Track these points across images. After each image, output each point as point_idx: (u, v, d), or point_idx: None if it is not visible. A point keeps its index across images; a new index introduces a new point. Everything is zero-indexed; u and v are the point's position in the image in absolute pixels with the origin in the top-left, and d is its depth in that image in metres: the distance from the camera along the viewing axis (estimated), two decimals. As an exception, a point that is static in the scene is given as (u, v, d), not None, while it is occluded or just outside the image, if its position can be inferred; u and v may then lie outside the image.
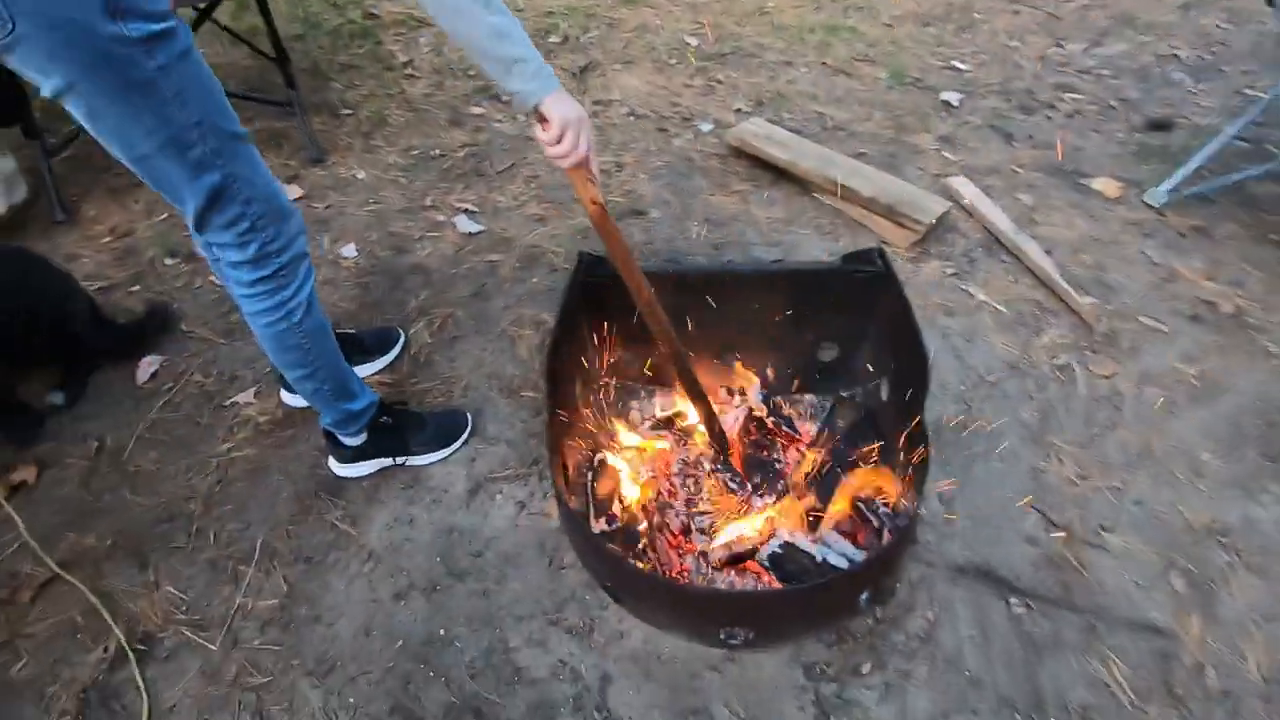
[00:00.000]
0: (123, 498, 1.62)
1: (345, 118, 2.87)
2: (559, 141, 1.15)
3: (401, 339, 1.95)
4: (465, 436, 1.72)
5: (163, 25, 1.00)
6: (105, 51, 0.96)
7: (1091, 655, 1.34)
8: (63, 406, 1.79)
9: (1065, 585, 1.44)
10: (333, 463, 1.65)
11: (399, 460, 1.66)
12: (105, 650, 1.36)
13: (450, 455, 1.69)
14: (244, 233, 1.21)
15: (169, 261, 2.22)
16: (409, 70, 3.18)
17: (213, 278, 2.16)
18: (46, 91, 1.00)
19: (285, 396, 1.80)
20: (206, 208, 1.16)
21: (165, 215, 2.39)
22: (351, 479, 1.65)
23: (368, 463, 1.64)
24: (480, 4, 1.02)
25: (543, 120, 1.15)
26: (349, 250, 2.28)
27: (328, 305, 2.10)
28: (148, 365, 1.90)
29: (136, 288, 2.14)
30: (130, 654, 1.35)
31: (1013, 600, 1.42)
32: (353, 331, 1.92)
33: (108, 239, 2.30)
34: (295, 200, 2.45)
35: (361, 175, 2.60)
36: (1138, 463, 1.66)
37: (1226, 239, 2.24)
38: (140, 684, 1.32)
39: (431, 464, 1.67)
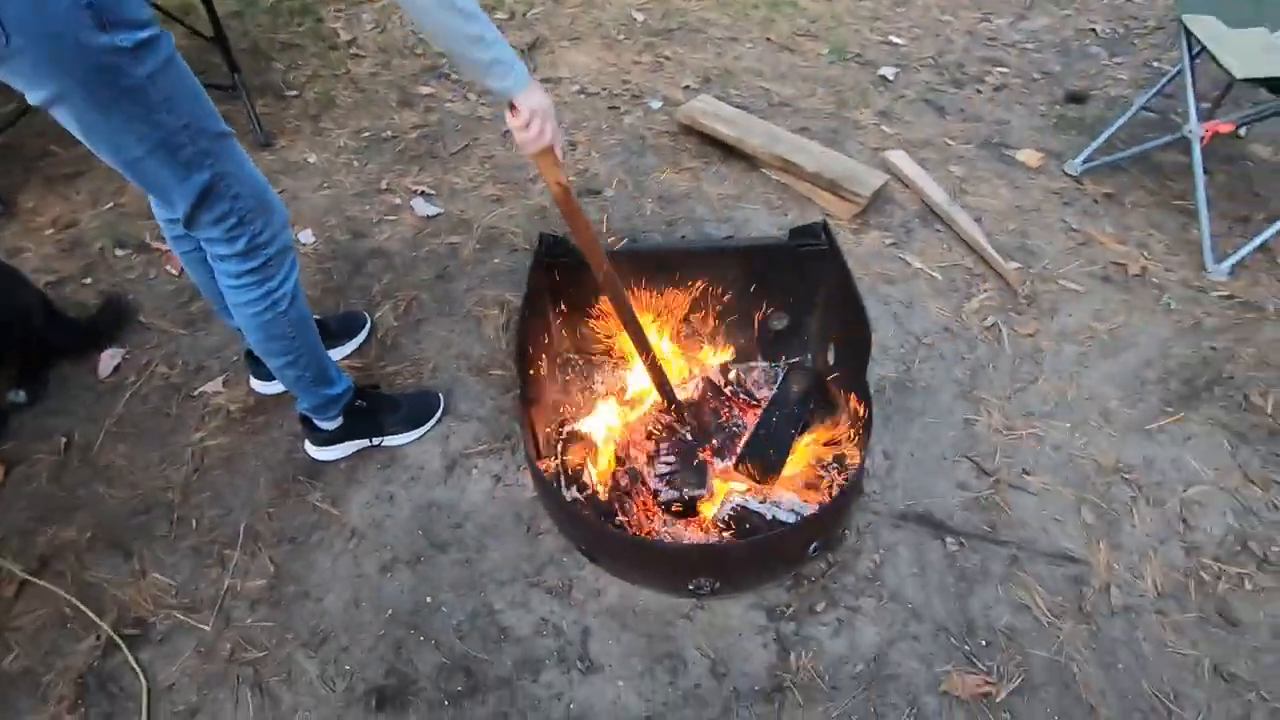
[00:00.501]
0: (96, 492, 1.64)
1: (291, 99, 2.83)
2: (528, 127, 1.22)
3: (368, 323, 1.99)
4: (438, 415, 1.78)
5: (149, 32, 1.03)
6: (97, 63, 0.99)
7: (1014, 583, 1.52)
8: (24, 404, 1.78)
9: (992, 523, 1.61)
10: (309, 446, 1.70)
11: (375, 441, 1.72)
12: (98, 637, 1.40)
13: (424, 434, 1.76)
14: (233, 227, 1.25)
15: (119, 253, 2.19)
16: (354, 49, 3.13)
17: (169, 268, 2.15)
18: (35, 101, 1.02)
19: (255, 384, 1.83)
20: (197, 206, 1.20)
21: (110, 205, 2.34)
22: (329, 462, 1.70)
23: (344, 445, 1.70)
24: (460, 16, 1.07)
25: (513, 109, 1.22)
26: (306, 236, 2.28)
27: (289, 292, 2.11)
28: (109, 359, 1.89)
29: (89, 280, 2.11)
30: (119, 640, 1.40)
31: (948, 540, 1.59)
32: (318, 318, 1.94)
33: (51, 231, 2.24)
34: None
35: (313, 159, 2.58)
36: (1056, 412, 1.84)
37: (1134, 205, 2.45)
38: (135, 666, 1.37)
39: (407, 444, 1.74)
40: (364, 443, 1.72)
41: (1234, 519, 1.62)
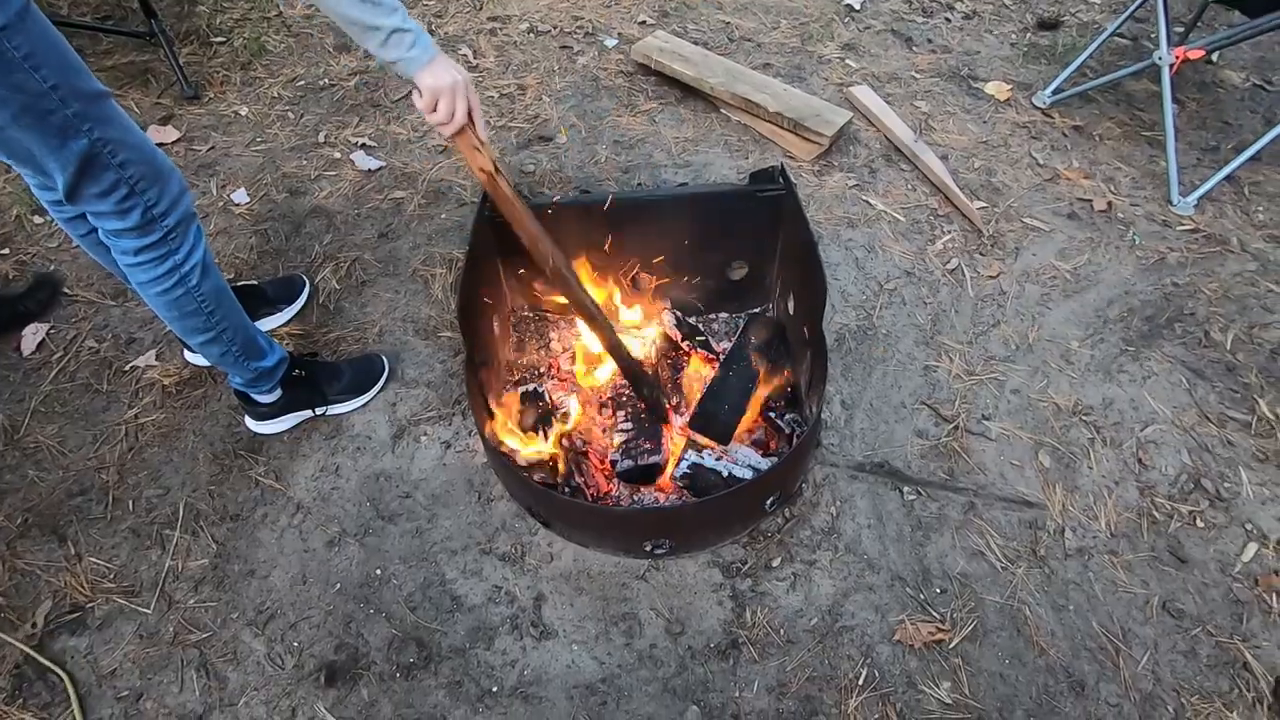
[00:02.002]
0: (26, 475, 1.57)
1: (218, 47, 2.64)
2: (435, 110, 1.11)
3: (307, 286, 1.90)
4: (383, 380, 1.72)
5: None
6: None
7: (970, 530, 1.51)
8: (-58, 386, 1.69)
9: (950, 471, 1.60)
10: (249, 421, 1.63)
11: (318, 411, 1.65)
12: (33, 626, 1.36)
13: (369, 401, 1.70)
14: (123, 199, 1.14)
15: (38, 221, 2.06)
16: (284, -11, 2.91)
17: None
18: None
19: (189, 355, 1.74)
20: (78, 176, 1.09)
21: (25, 168, 2.19)
22: (271, 435, 1.64)
23: (285, 417, 1.63)
24: None
25: (417, 89, 1.11)
26: (240, 195, 2.16)
27: (224, 257, 2.00)
28: (32, 335, 1.79)
29: (6, 251, 1.99)
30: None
31: (905, 489, 1.57)
32: (254, 283, 1.85)
33: (-39, 199, 2.10)
34: (174, 143, 2.29)
35: (244, 111, 2.42)
36: (1017, 355, 1.82)
37: (1103, 137, 2.38)
38: (53, 666, 1.33)
39: (351, 412, 1.68)
40: (306, 414, 1.65)
41: (1189, 457, 1.62)
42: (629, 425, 1.59)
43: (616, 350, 1.50)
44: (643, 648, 1.36)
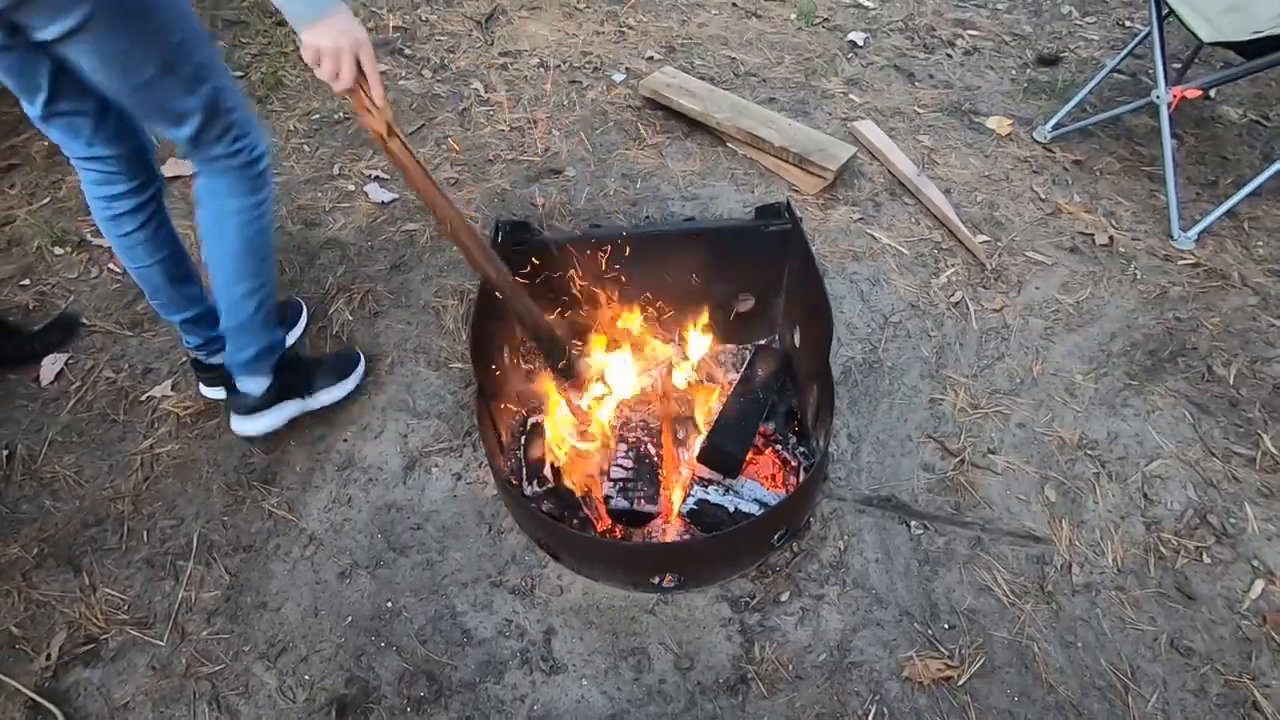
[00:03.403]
0: (43, 505, 1.59)
1: (236, 80, 2.70)
2: (319, 65, 1.11)
3: (303, 310, 1.94)
4: (361, 370, 1.79)
5: None
6: None
7: (977, 565, 1.52)
8: (-38, 416, 1.71)
9: (956, 505, 1.61)
10: (237, 423, 1.61)
11: (305, 400, 1.68)
12: (48, 658, 1.37)
13: (352, 389, 1.76)
14: (235, 139, 1.29)
15: (58, 251, 2.10)
16: (301, 24, 2.99)
17: (111, 266, 2.06)
18: (54, 33, 1.04)
19: (204, 390, 1.77)
20: (205, 122, 1.23)
21: (47, 199, 2.24)
22: (259, 437, 1.64)
23: (274, 410, 1.63)
24: None
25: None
26: (256, 227, 2.20)
27: (239, 288, 2.04)
28: (51, 365, 1.82)
29: (26, 281, 2.02)
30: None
31: (912, 523, 1.58)
32: None
33: (-16, 230, 2.14)
34: (190, 175, 2.33)
35: (260, 145, 2.47)
36: (1021, 389, 1.84)
37: (1103, 172, 2.42)
38: (49, 705, 1.34)
39: (336, 400, 1.74)
40: (295, 406, 1.66)
41: (1194, 492, 1.63)
42: (629, 463, 1.60)
43: (522, 315, 1.45)
44: (652, 683, 1.37)
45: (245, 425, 1.62)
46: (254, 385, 1.58)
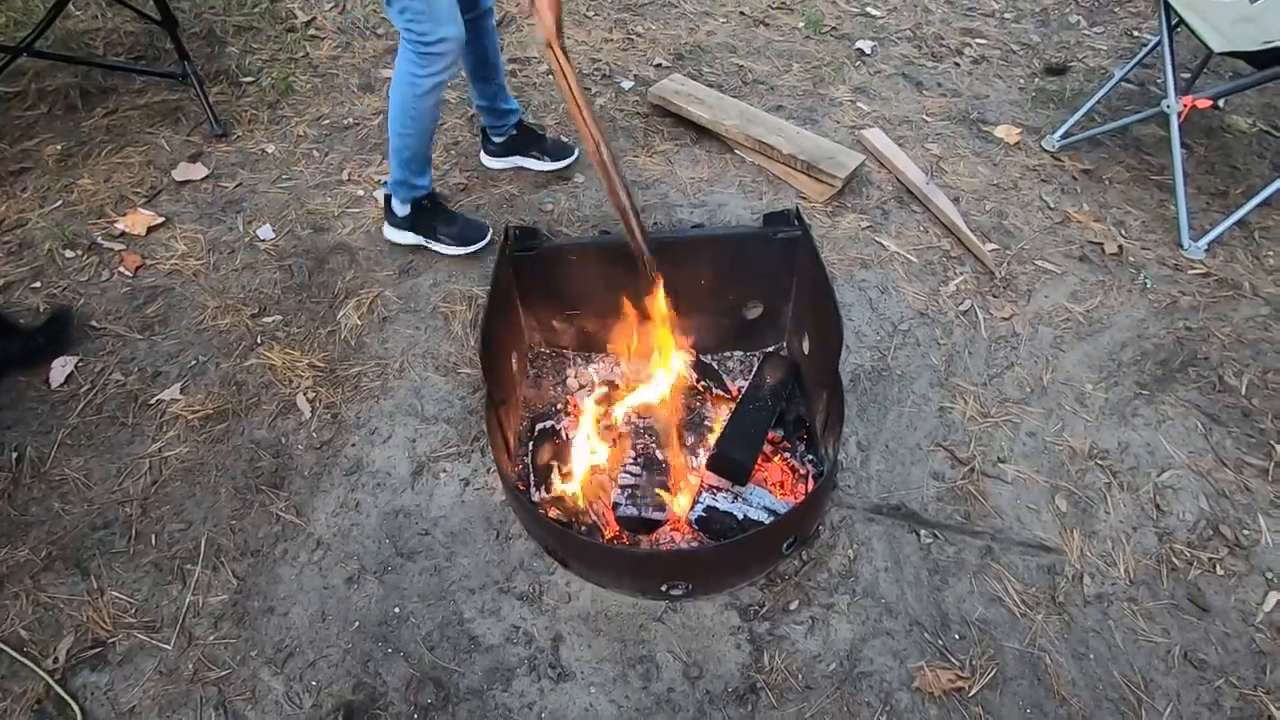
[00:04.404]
0: (52, 508, 1.59)
1: (246, 86, 2.72)
2: None
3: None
4: (485, 241, 2.08)
5: None
6: None
7: (988, 575, 1.51)
8: (-28, 418, 1.72)
9: (966, 514, 1.60)
10: (385, 227, 2.13)
11: (428, 240, 2.08)
12: (55, 661, 1.37)
13: (466, 254, 2.08)
14: (410, 20, 1.65)
15: (69, 254, 2.11)
16: (312, 31, 3.01)
17: (121, 269, 2.07)
18: None
19: (484, 159, 2.41)
20: (403, 8, 1.63)
21: (59, 203, 2.25)
22: (396, 244, 2.14)
23: (408, 234, 2.10)
24: None
25: None
26: (266, 231, 2.21)
27: (249, 291, 2.05)
28: (61, 367, 1.83)
29: (38, 284, 2.03)
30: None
31: (922, 532, 1.57)
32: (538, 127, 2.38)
33: (-4, 232, 2.15)
34: (202, 180, 2.35)
35: (271, 149, 2.49)
36: (1031, 398, 1.83)
37: (1112, 181, 2.41)
38: (70, 700, 1.34)
39: (449, 257, 2.09)
40: (420, 239, 2.09)
41: (1206, 503, 1.62)
42: (638, 469, 1.60)
43: (620, 196, 1.56)
44: (660, 691, 1.36)
45: (388, 232, 2.12)
46: (397, 206, 2.03)
